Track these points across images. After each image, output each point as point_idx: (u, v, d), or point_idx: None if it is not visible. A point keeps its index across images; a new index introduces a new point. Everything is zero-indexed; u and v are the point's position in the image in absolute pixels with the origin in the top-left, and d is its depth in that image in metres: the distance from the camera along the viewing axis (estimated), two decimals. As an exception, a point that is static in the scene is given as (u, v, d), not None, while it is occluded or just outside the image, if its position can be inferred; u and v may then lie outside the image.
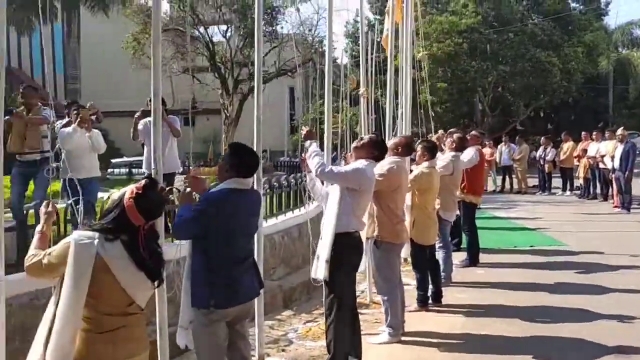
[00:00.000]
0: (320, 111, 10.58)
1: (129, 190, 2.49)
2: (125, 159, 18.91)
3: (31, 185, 5.99)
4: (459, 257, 7.70)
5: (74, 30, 21.95)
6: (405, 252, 5.78)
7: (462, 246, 8.03)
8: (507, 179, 17.54)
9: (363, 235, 4.62)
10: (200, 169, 17.15)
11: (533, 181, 17.50)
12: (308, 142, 4.24)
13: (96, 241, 2.40)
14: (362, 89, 8.48)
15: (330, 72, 5.16)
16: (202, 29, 15.94)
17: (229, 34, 17.12)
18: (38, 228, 2.68)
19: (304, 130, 4.32)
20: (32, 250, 2.56)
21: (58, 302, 2.42)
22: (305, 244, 6.20)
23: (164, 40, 17.36)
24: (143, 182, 2.54)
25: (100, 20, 20.96)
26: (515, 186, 17.30)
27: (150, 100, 6.30)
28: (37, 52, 29.49)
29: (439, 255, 6.51)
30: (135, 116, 6.58)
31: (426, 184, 5.65)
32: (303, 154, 4.47)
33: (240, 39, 16.55)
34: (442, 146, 7.63)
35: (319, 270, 4.15)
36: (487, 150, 17.89)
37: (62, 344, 2.37)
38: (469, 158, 7.31)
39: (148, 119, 6.38)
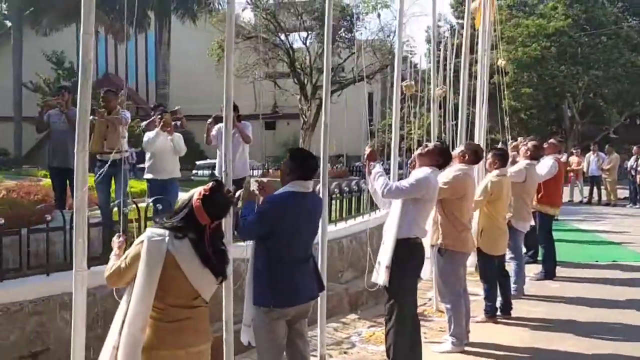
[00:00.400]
0: (400, 116, 10.50)
1: (197, 191, 2.68)
2: (208, 161, 19.69)
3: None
4: (534, 269, 7.49)
5: (165, 38, 23.18)
6: (472, 261, 5.72)
7: (538, 258, 7.77)
8: (596, 190, 16.69)
9: (427, 242, 4.65)
10: (278, 172, 17.59)
11: (624, 193, 16.56)
12: (372, 164, 4.32)
13: (167, 238, 2.59)
14: (439, 90, 8.41)
15: (398, 79, 5.19)
16: (283, 36, 16.39)
17: (309, 41, 17.45)
18: (112, 254, 2.92)
19: (367, 150, 4.39)
20: (109, 263, 2.81)
21: (129, 298, 2.64)
22: (374, 249, 6.26)
23: (247, 47, 18.02)
24: (210, 184, 2.72)
25: (189, 28, 22.02)
26: (604, 198, 16.44)
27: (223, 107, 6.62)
28: (132, 58, 31.43)
29: (511, 266, 6.37)
30: (208, 122, 6.85)
31: (496, 193, 5.56)
32: (363, 159, 4.52)
33: (320, 45, 16.88)
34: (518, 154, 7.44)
35: (380, 275, 4.22)
36: (574, 159, 17.17)
37: (134, 332, 2.58)
38: (548, 170, 7.07)
39: (221, 124, 6.70)
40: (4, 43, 26.83)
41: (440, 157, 4.30)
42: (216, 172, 7.10)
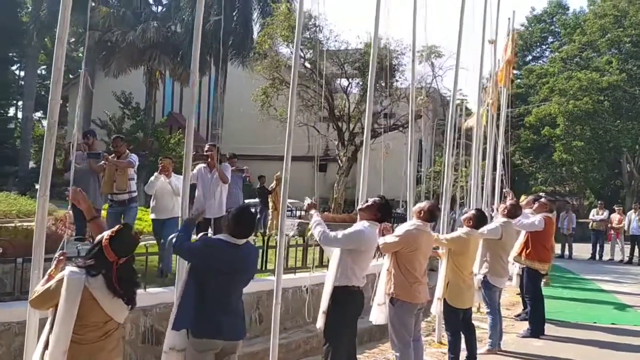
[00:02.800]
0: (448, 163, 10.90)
1: (107, 233, 3.22)
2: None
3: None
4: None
5: (221, 82, 24.59)
6: (435, 310, 5.95)
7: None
8: (637, 249, 16.09)
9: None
10: (325, 213, 18.07)
11: (667, 254, 15.88)
12: (311, 212, 4.77)
13: (83, 276, 3.14)
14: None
15: (452, 125, 5.62)
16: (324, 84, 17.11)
17: (350, 89, 18.09)
18: (49, 270, 3.47)
19: (306, 203, 4.87)
20: (37, 287, 3.36)
21: (53, 322, 3.18)
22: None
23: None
24: (117, 226, 3.26)
25: (243, 73, 23.29)
26: (645, 258, 15.84)
27: (213, 146, 7.21)
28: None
29: (488, 321, 6.52)
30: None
31: (462, 248, 5.80)
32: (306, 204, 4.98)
33: (359, 93, 17.45)
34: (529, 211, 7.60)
35: (318, 320, 4.59)
36: (615, 217, 16.71)
37: (57, 355, 3.11)
38: (531, 222, 7.20)
39: (202, 164, 7.32)
40: (77, 84, 29.26)
41: (378, 212, 4.66)
42: (193, 211, 7.62)
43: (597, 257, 16.65)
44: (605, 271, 14.16)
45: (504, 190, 9.97)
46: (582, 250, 17.12)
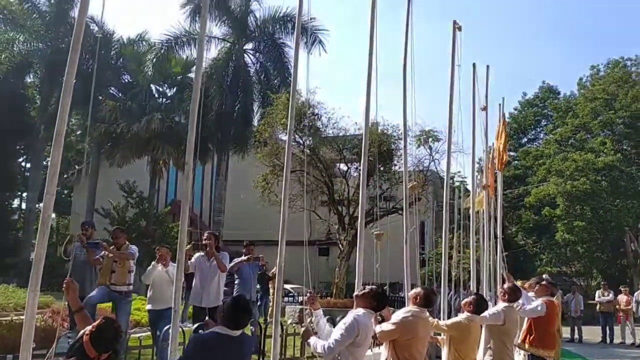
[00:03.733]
0: (450, 245, 10.90)
1: (88, 327, 3.19)
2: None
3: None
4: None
5: (223, 170, 25.04)
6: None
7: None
8: (648, 331, 15.67)
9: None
10: (327, 299, 17.79)
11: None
12: (307, 322, 4.74)
13: None
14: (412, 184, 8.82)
15: (447, 208, 5.67)
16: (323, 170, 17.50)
17: (349, 173, 18.39)
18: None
19: (309, 294, 4.84)
20: None
21: None
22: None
23: (291, 179, 19.20)
24: (98, 321, 3.23)
25: (244, 160, 23.79)
26: (657, 340, 15.37)
27: (212, 234, 7.24)
28: (198, 187, 33.75)
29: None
30: (186, 247, 7.47)
31: (462, 334, 5.68)
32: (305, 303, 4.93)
33: (357, 177, 17.74)
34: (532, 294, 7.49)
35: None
36: (622, 298, 16.38)
37: None
38: (532, 308, 7.08)
39: (201, 253, 7.33)
40: (82, 174, 29.97)
41: (374, 300, 4.62)
42: (190, 301, 7.55)
43: (608, 340, 16.17)
44: (617, 355, 13.73)
45: (503, 273, 9.90)
46: (592, 333, 16.65)
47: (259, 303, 13.35)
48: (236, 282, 9.24)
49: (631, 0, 53.02)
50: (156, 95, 27.78)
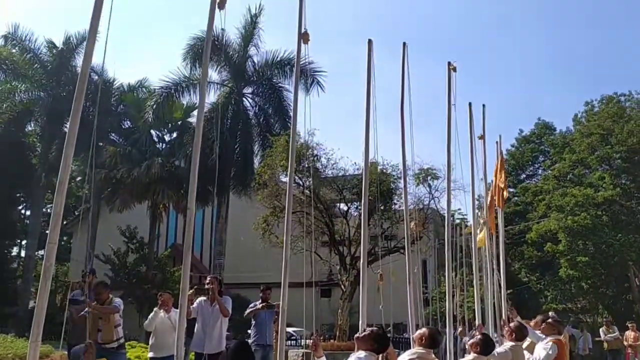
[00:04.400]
0: (453, 284, 10.82)
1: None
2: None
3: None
4: None
5: (223, 212, 25.03)
6: None
7: None
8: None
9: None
10: (331, 341, 17.53)
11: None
12: None
13: None
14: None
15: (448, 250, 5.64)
16: (323, 210, 17.54)
17: (350, 213, 18.41)
18: None
19: (312, 339, 4.79)
20: None
21: None
22: None
23: (292, 220, 19.12)
24: None
25: (244, 202, 23.81)
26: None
27: (215, 279, 7.18)
28: (198, 230, 33.64)
29: None
30: (189, 292, 7.38)
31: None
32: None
33: (359, 217, 17.75)
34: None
35: None
36: (630, 334, 16.14)
37: None
38: (545, 355, 6.90)
39: (203, 298, 7.24)
40: (83, 220, 29.91)
41: (375, 342, 4.56)
42: (191, 347, 7.44)
43: (618, 378, 15.88)
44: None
45: (508, 311, 9.80)
46: (601, 371, 16.35)
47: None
48: (252, 325, 9.28)
49: (622, 37, 54.22)
50: (156, 140, 28.03)
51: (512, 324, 6.75)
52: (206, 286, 7.52)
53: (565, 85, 61.41)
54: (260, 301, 9.39)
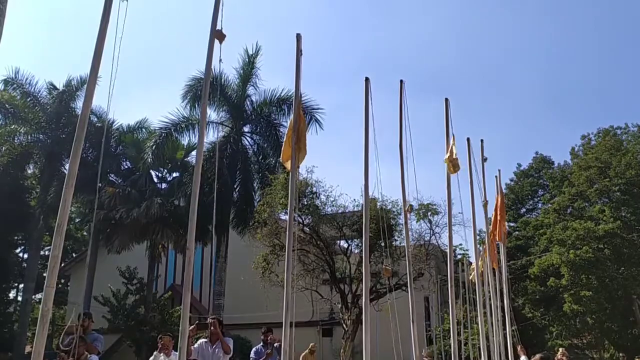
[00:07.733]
0: (457, 321, 10.68)
1: None
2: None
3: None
4: None
5: (222, 251, 24.83)
6: None
7: None
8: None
9: None
10: None
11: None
12: None
13: None
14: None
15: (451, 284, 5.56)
16: (323, 248, 17.43)
17: (350, 250, 18.31)
18: None
19: None
20: None
21: None
22: None
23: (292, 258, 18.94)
24: None
25: (244, 241, 23.65)
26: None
27: (217, 320, 7.05)
28: (197, 269, 33.31)
29: None
30: (190, 328, 7.22)
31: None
32: None
33: (359, 254, 17.63)
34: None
35: None
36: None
37: None
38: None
39: (204, 340, 7.11)
40: (81, 262, 29.73)
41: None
42: None
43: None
44: None
45: (517, 347, 9.65)
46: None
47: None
48: None
49: (617, 71, 55.08)
50: (155, 181, 28.04)
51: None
52: (208, 320, 7.39)
53: (561, 118, 62.08)
54: (262, 344, 9.35)
